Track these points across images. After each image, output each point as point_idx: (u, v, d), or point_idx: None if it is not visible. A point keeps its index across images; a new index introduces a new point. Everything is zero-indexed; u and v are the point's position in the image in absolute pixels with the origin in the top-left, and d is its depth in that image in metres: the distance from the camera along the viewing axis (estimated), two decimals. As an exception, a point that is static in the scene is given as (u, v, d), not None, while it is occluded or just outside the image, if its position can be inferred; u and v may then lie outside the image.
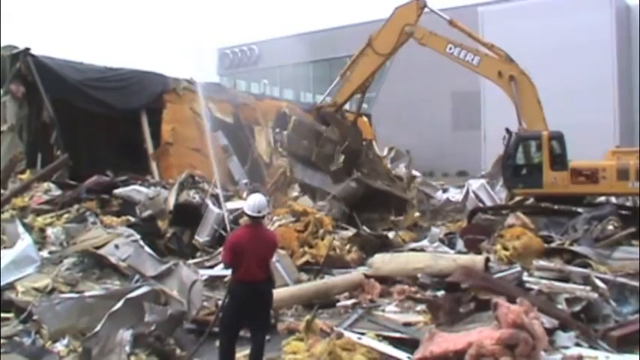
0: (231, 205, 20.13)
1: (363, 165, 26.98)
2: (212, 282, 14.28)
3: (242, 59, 61.84)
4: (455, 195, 31.58)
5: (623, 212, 22.68)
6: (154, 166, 27.50)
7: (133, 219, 18.52)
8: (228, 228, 18.05)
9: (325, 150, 25.37)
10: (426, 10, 26.03)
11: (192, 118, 29.26)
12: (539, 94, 24.17)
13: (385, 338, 10.15)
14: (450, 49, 25.38)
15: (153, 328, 9.64)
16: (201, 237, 18.52)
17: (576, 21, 39.94)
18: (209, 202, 19.76)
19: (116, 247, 14.35)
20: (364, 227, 21.68)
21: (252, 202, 9.10)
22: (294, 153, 24.66)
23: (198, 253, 17.87)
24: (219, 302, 10.45)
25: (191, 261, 15.75)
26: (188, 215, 19.11)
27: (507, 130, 24.19)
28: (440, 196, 32.17)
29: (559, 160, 23.44)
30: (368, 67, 26.58)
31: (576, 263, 15.15)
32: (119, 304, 9.93)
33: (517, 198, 26.47)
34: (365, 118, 36.16)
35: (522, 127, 24.00)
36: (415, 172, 32.23)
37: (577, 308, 10.94)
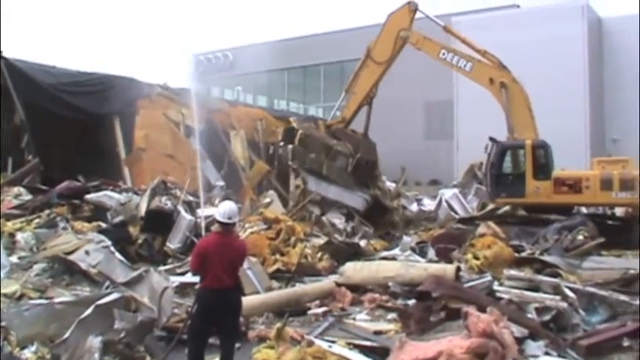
0: (203, 211, 20.09)
1: (378, 178, 27.47)
2: (183, 289, 14.19)
3: (216, 65, 61.69)
4: (428, 205, 31.69)
5: (611, 222, 22.85)
6: (126, 171, 27.40)
7: (104, 225, 18.47)
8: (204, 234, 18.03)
9: (338, 163, 25.62)
10: (421, 17, 26.28)
11: (165, 124, 29.18)
12: (531, 102, 24.23)
13: (356, 346, 10.14)
14: (444, 54, 25.59)
15: (122, 335, 9.58)
16: (173, 244, 18.45)
17: (549, 32, 40.22)
18: (181, 208, 19.70)
19: (87, 253, 14.27)
20: (336, 235, 21.69)
21: (224, 209, 9.08)
22: (301, 166, 24.53)
23: (170, 260, 17.78)
24: (190, 309, 10.43)
25: (162, 268, 15.67)
26: (160, 222, 19.03)
27: (491, 139, 24.21)
28: (414, 206, 32.24)
29: (542, 170, 23.49)
30: (370, 78, 26.98)
31: (546, 273, 15.29)
32: (89, 311, 9.84)
33: (490, 207, 26.60)
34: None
35: (512, 135, 24.08)
36: (390, 184, 32.31)
37: (547, 317, 11.00)
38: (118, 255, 14.32)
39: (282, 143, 25.51)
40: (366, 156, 27.30)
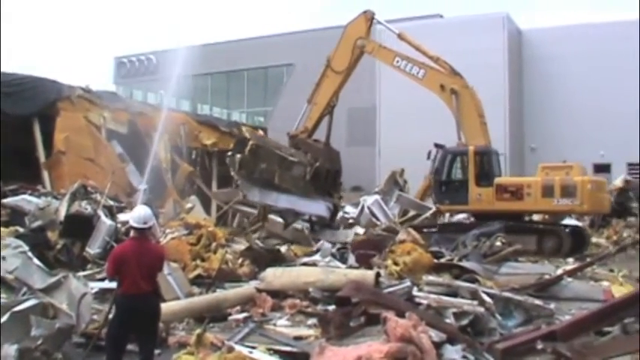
0: (124, 216, 19.86)
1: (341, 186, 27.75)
2: (102, 295, 14.00)
3: (139, 69, 61.09)
4: (351, 212, 31.83)
5: (568, 231, 23.07)
6: (45, 175, 26.89)
7: (21, 229, 18.06)
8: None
9: (294, 172, 25.62)
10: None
11: (86, 127, 28.75)
12: (482, 108, 24.43)
13: (276, 352, 10.15)
14: (398, 61, 25.86)
15: (40, 342, 9.41)
16: (93, 249, 18.13)
17: (471, 42, 40.91)
18: (101, 213, 19.43)
19: (3, 258, 13.97)
20: (257, 241, 21.70)
21: (138, 214, 9.03)
22: (247, 176, 24.49)
23: (89, 266, 17.47)
24: (107, 315, 10.32)
25: (81, 273, 15.39)
26: (79, 226, 18.70)
27: (436, 145, 24.37)
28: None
29: (485, 176, 23.61)
30: (330, 88, 27.33)
31: (464, 278, 15.45)
32: (4, 318, 9.65)
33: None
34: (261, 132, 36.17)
35: (461, 141, 24.24)
36: None
37: (464, 322, 11.13)
38: (35, 260, 14.00)
39: (230, 153, 25.34)
40: (327, 165, 27.52)
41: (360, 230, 25.31)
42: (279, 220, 25.45)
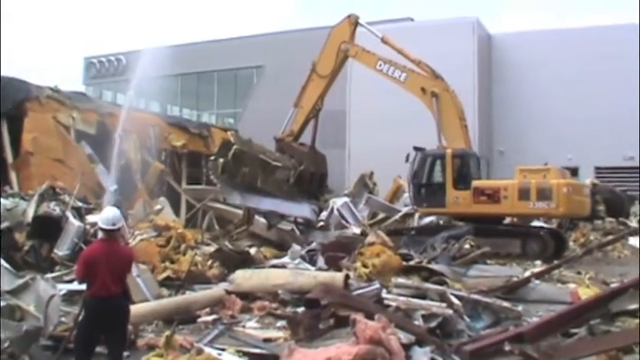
0: (92, 218, 19.73)
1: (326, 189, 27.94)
2: (71, 297, 13.90)
3: (109, 69, 60.70)
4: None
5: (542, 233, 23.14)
6: (13, 176, 26.59)
7: (-12, 231, 17.93)
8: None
9: (277, 176, 25.75)
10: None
11: (55, 128, 28.52)
12: (463, 111, 24.48)
13: (245, 354, 10.14)
14: (380, 65, 26.00)
15: (6, 344, 9.34)
16: (61, 250, 18.01)
17: (441, 46, 41.03)
18: (70, 214, 19.30)
19: (-30, 260, 13.87)
20: (226, 243, 21.68)
21: (106, 215, 8.99)
22: (229, 180, 24.53)
23: (57, 267, 17.35)
24: (76, 317, 10.26)
25: (49, 275, 15.28)
26: (47, 228, 18.59)
27: (415, 148, 24.39)
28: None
29: (463, 179, 23.64)
30: (315, 91, 27.53)
31: (433, 280, 15.56)
32: (-29, 320, 9.60)
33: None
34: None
35: (442, 144, 24.27)
36: None
37: (433, 324, 11.19)
38: (3, 262, 13.90)
39: (212, 157, 25.30)
40: (312, 168, 27.73)
41: (357, 230, 25.49)
42: (263, 221, 25.76)
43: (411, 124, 38.47)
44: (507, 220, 25.69)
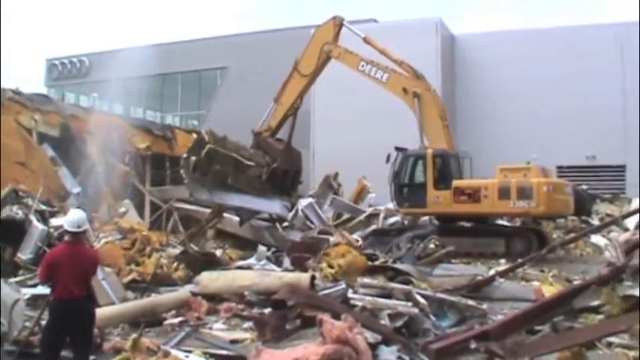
0: (56, 221, 19.57)
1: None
2: (35, 301, 13.81)
3: (71, 71, 60.18)
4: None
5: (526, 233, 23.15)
6: (-26, 180, 26.32)
7: (-50, 235, 17.72)
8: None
9: (249, 173, 25.91)
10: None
11: (17, 131, 28.19)
12: (445, 111, 24.54)
13: (212, 356, 10.14)
14: (363, 66, 26.04)
15: (-30, 349, 9.28)
16: (24, 254, 17.83)
17: (405, 47, 41.11)
18: (33, 217, 19.12)
19: None
20: (191, 245, 21.62)
21: (72, 218, 8.94)
22: (198, 178, 24.56)
23: (21, 271, 17.21)
24: (38, 320, 10.18)
25: (13, 279, 15.19)
26: (10, 232, 18.37)
27: (397, 148, 24.37)
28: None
29: (444, 179, 23.62)
30: (295, 89, 27.70)
31: (399, 280, 15.64)
32: None
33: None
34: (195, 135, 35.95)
35: (424, 144, 24.26)
36: None
37: (399, 323, 11.24)
38: (-35, 267, 13.83)
39: (185, 155, 25.21)
40: (286, 165, 27.97)
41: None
42: (235, 218, 25.96)
43: (376, 124, 38.71)
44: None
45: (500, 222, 25.98)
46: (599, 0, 78.26)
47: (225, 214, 25.96)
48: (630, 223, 23.64)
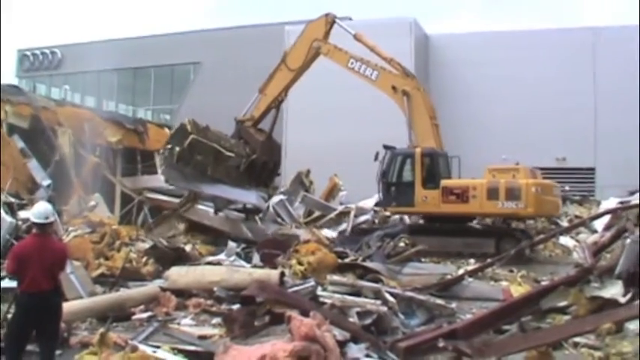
0: (25, 213, 19.40)
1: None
2: (2, 294, 13.71)
3: (43, 62, 59.66)
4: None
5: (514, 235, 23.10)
6: (-58, 172, 26.02)
7: None
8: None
9: (228, 163, 26.10)
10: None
11: (-14, 123, 27.92)
12: (434, 110, 24.48)
13: (180, 351, 10.09)
14: (352, 63, 25.99)
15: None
16: (-9, 247, 17.73)
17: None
18: (1, 210, 18.97)
19: None
20: (161, 239, 21.52)
21: (38, 209, 8.88)
22: (179, 167, 24.80)
23: (-13, 264, 17.10)
24: (5, 313, 10.10)
25: (-21, 272, 15.06)
26: (-22, 225, 18.27)
27: (385, 147, 24.27)
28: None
29: (432, 179, 23.53)
30: (281, 82, 27.65)
31: (368, 278, 15.62)
32: None
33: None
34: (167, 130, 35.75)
35: (412, 143, 24.17)
36: None
37: (368, 321, 11.26)
38: None
39: (169, 145, 25.12)
40: (265, 156, 28.20)
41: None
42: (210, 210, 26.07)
43: (349, 122, 38.65)
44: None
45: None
46: (572, 4, 78.76)
47: (200, 206, 25.94)
48: (598, 225, 23.73)
